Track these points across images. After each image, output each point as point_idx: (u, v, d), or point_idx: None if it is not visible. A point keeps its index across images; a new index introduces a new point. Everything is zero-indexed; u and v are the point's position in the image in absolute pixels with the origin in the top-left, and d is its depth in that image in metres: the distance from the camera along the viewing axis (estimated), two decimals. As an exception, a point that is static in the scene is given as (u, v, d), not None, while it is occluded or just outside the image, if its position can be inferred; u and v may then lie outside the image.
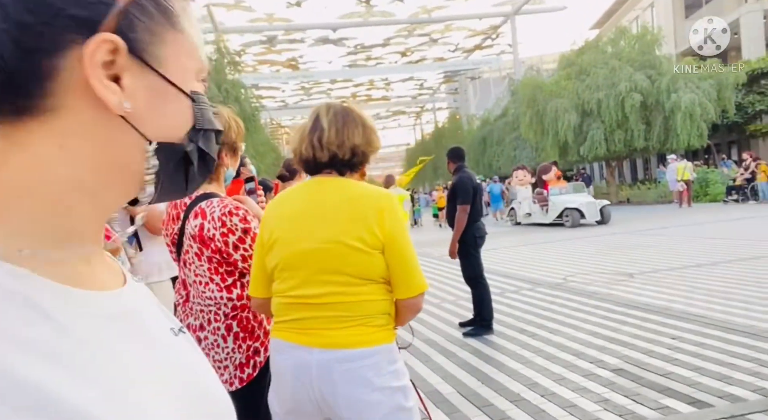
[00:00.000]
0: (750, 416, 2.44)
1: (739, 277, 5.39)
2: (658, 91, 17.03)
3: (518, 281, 6.41)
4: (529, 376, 3.27)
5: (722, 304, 4.40)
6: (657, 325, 4.01)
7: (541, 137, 19.56)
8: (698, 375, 3.00)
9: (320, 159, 1.35)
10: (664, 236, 9.45)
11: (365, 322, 1.27)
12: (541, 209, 14.19)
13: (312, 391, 1.26)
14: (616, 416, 2.60)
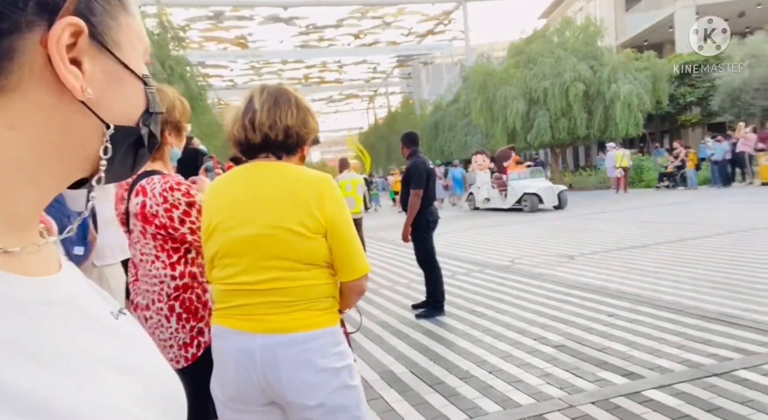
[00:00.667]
0: (676, 385, 2.68)
1: (669, 258, 5.81)
2: (600, 81, 17.83)
3: (468, 264, 6.61)
4: (477, 354, 3.41)
5: (653, 283, 4.75)
6: (595, 304, 4.28)
7: (491, 124, 20.03)
8: (631, 349, 3.24)
9: (252, 140, 1.33)
10: (603, 220, 10.00)
11: (309, 306, 1.28)
12: (500, 194, 14.21)
13: (256, 376, 1.26)
14: (558, 389, 2.77)
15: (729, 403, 2.43)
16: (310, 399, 1.25)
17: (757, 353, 2.97)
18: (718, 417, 2.32)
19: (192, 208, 1.53)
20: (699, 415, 2.36)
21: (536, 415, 2.51)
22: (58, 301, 0.37)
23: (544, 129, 18.51)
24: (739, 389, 2.56)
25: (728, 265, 5.17)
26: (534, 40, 20.13)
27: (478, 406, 2.66)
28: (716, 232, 7.23)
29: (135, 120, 0.42)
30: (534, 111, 18.85)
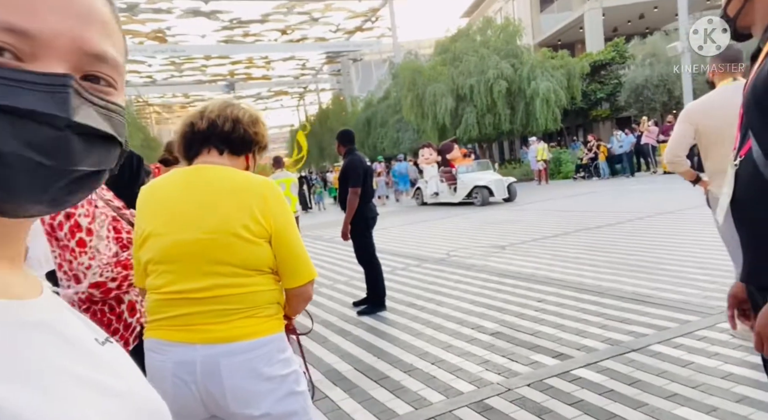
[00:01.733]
0: (601, 363, 2.91)
1: (588, 244, 6.27)
2: (520, 79, 18.77)
3: (407, 259, 6.74)
4: (419, 346, 3.51)
5: (576, 269, 5.11)
6: (525, 291, 4.53)
7: (421, 120, 20.45)
8: (560, 331, 3.47)
9: (198, 127, 1.31)
10: (529, 211, 10.58)
11: (254, 314, 1.24)
12: (449, 188, 13.84)
13: (197, 390, 1.21)
14: (496, 375, 2.92)
15: (646, 376, 2.68)
16: (255, 409, 1.22)
17: (668, 328, 3.30)
18: (638, 389, 2.56)
19: (68, 220, 1.41)
20: (621, 388, 2.58)
21: (477, 400, 2.63)
22: (34, 323, 0.38)
23: (471, 125, 19.20)
24: (655, 362, 2.83)
25: (640, 249, 5.67)
26: (458, 38, 20.79)
27: (422, 397, 2.74)
28: (627, 218, 7.89)
29: None
30: (462, 107, 19.49)
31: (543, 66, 19.01)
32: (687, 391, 2.48)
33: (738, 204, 1.24)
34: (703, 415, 2.25)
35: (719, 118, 2.94)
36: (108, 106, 0.41)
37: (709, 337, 3.08)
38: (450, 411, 2.55)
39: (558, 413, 2.41)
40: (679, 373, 2.66)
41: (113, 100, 0.42)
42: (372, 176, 4.65)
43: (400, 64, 22.16)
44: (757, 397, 2.34)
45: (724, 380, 2.53)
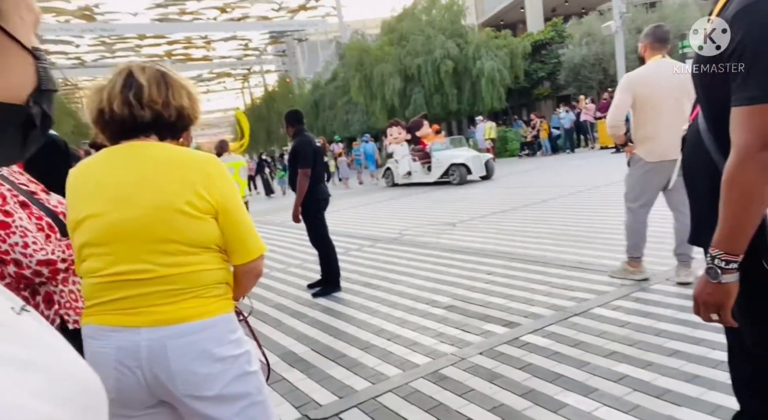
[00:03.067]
0: (547, 328, 3.06)
1: (533, 218, 6.52)
2: (466, 59, 19.01)
3: (360, 239, 6.76)
4: (375, 324, 3.55)
5: (522, 241, 5.31)
6: (476, 265, 4.67)
7: (370, 101, 20.34)
8: (509, 301, 3.61)
9: (141, 118, 1.21)
10: (477, 189, 10.85)
11: (201, 294, 1.20)
12: (422, 167, 12.99)
13: (142, 375, 1.16)
14: (450, 346, 3.01)
15: (588, 337, 2.85)
16: (207, 390, 1.18)
17: (607, 292, 3.51)
18: (581, 350, 2.72)
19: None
20: (566, 350, 2.73)
21: (433, 371, 2.70)
22: None
23: (420, 105, 19.29)
24: (596, 324, 3.01)
25: (580, 220, 5.96)
26: (404, 17, 20.70)
27: (380, 372, 2.78)
28: (569, 192, 8.25)
29: (23, 98, 0.38)
30: (410, 88, 19.53)
31: (487, 45, 19.32)
32: (625, 349, 2.66)
33: (683, 168, 1.31)
34: (640, 369, 2.43)
35: (653, 87, 3.30)
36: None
37: (643, 298, 3.30)
38: (407, 383, 2.61)
39: (508, 378, 2.53)
40: (617, 333, 2.85)
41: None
42: (322, 157, 4.59)
43: (347, 45, 21.86)
44: (687, 351, 2.54)
45: (657, 337, 2.74)
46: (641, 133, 3.42)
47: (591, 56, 19.51)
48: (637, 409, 2.11)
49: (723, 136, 1.10)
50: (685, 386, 2.23)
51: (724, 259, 1.09)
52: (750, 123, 1.03)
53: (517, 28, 26.80)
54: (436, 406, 2.36)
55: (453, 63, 18.70)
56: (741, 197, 1.05)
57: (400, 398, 2.48)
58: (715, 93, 1.13)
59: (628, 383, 2.32)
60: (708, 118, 1.19)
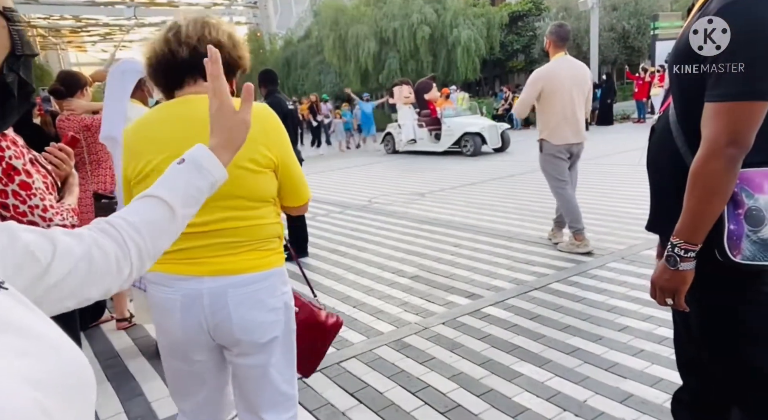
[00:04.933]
0: (507, 301, 3.18)
1: (500, 192, 6.64)
2: (443, 26, 18.70)
3: (329, 205, 6.74)
4: (341, 291, 3.59)
5: (489, 215, 5.42)
6: (443, 236, 4.76)
7: (344, 63, 19.85)
8: (473, 273, 3.72)
9: (179, 54, 1.21)
10: (447, 159, 10.89)
11: (258, 247, 1.27)
12: (429, 134, 11.74)
13: (204, 320, 1.26)
14: (414, 315, 3.09)
15: (545, 311, 2.99)
16: (260, 337, 1.28)
17: (566, 268, 3.66)
18: (538, 323, 2.85)
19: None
20: (524, 323, 2.86)
21: (396, 339, 2.78)
22: None
23: (394, 70, 18.99)
24: (553, 298, 3.15)
25: (544, 196, 6.10)
26: (383, -23, 20.02)
27: (344, 339, 2.84)
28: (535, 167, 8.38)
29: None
30: (385, 52, 19.14)
31: (465, 13, 19.02)
32: (578, 323, 2.80)
33: (648, 158, 1.35)
34: (591, 343, 2.57)
35: (556, 82, 3.90)
36: None
37: (599, 275, 3.46)
38: (370, 350, 2.68)
39: (468, 347, 2.63)
40: (572, 308, 2.99)
41: None
42: (294, 119, 4.49)
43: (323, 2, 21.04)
44: (635, 326, 2.70)
45: (609, 312, 2.89)
46: (548, 121, 3.98)
47: (566, 31, 19.54)
48: (586, 380, 2.25)
49: (692, 130, 1.14)
50: (632, 360, 2.39)
51: (684, 247, 1.14)
52: (721, 119, 1.07)
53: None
54: (398, 372, 2.44)
55: (430, 29, 18.37)
56: (705, 190, 1.10)
57: (364, 364, 2.55)
58: (688, 87, 1.16)
59: (580, 356, 2.46)
60: (679, 112, 1.22)
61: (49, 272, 0.55)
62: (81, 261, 0.59)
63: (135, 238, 0.66)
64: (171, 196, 0.72)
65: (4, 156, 1.28)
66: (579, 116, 3.99)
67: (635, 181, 6.17)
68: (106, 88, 2.70)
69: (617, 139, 11.14)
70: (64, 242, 0.58)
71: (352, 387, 2.35)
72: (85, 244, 0.61)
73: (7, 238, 0.52)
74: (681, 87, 1.19)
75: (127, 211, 0.70)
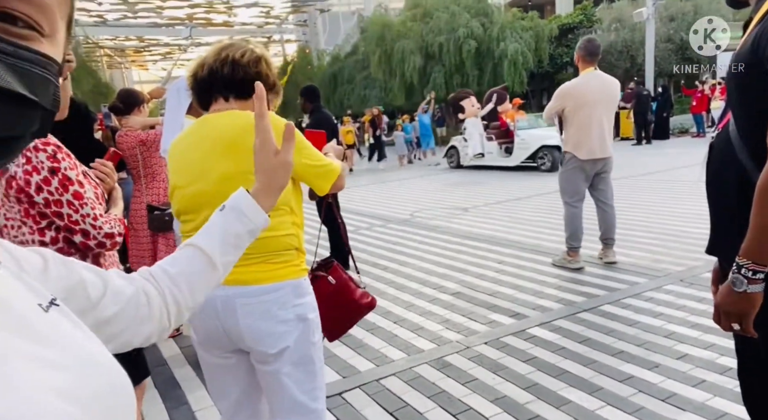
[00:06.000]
0: (555, 322, 3.04)
1: (546, 208, 6.44)
2: (490, 39, 18.55)
3: (371, 218, 6.75)
4: (382, 305, 3.56)
5: (534, 231, 5.25)
6: (486, 252, 4.64)
7: (389, 77, 20.04)
8: (518, 292, 3.59)
9: (199, 75, 1.34)
10: (491, 173, 10.71)
11: (268, 259, 1.29)
12: (499, 148, 10.86)
13: (220, 324, 1.32)
14: (455, 333, 3.01)
15: (596, 334, 2.83)
16: (269, 347, 1.31)
17: (619, 289, 3.47)
18: (588, 347, 2.70)
19: (54, 175, 1.34)
20: (572, 346, 2.72)
21: (437, 358, 2.71)
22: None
23: (439, 84, 18.97)
24: (604, 321, 2.99)
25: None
26: (430, -7, 20.17)
27: (384, 355, 2.80)
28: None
29: None
30: (430, 66, 19.18)
31: (513, 26, 18.81)
32: (632, 348, 2.63)
33: (708, 176, 1.26)
34: (646, 370, 2.41)
35: (583, 99, 3.89)
36: (20, 54, 0.33)
37: (655, 298, 3.26)
38: (410, 367, 2.63)
39: (512, 369, 2.52)
40: (626, 332, 2.82)
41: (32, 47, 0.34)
42: (338, 134, 4.55)
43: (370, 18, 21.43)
44: (696, 355, 2.51)
45: (666, 339, 2.71)
46: (573, 136, 3.95)
47: (619, 43, 18.94)
48: (641, 410, 2.10)
49: (757, 144, 1.06)
50: (692, 391, 2.21)
51: (752, 268, 1.06)
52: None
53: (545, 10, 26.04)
54: (438, 393, 2.37)
55: (476, 43, 18.26)
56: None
57: (404, 382, 2.49)
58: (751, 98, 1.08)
59: (634, 384, 2.30)
60: (740, 125, 1.14)
61: (97, 308, 0.56)
62: (128, 304, 0.61)
63: (173, 289, 0.68)
64: (210, 245, 0.73)
65: (60, 167, 1.35)
66: (606, 131, 3.93)
67: (694, 198, 5.82)
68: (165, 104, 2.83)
69: (674, 154, 10.61)
70: (115, 284, 0.61)
71: (391, 406, 2.30)
72: (134, 288, 0.63)
73: (66, 269, 0.54)
74: (743, 99, 1.11)
75: (168, 261, 0.72)
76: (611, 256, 4.03)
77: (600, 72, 4.02)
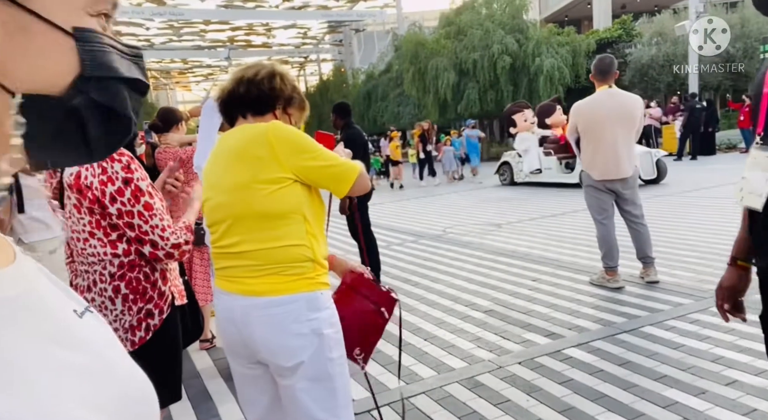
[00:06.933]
0: (592, 343, 2.92)
1: (584, 225, 6.23)
2: (525, 55, 18.40)
3: (403, 234, 6.73)
4: (413, 322, 3.51)
5: (571, 249, 5.10)
6: (520, 270, 4.53)
7: (423, 94, 20.13)
8: (553, 311, 3.48)
9: (223, 99, 1.41)
10: (525, 190, 10.53)
11: (280, 271, 1.30)
12: (559, 163, 10.12)
13: (239, 334, 1.35)
14: (488, 352, 2.93)
15: (637, 357, 2.70)
16: (284, 360, 1.30)
17: (661, 310, 3.31)
18: (628, 370, 2.57)
19: (128, 186, 1.40)
20: (612, 369, 2.60)
21: (468, 377, 2.64)
22: (9, 298, 0.32)
23: (473, 101, 18.91)
24: (646, 344, 2.85)
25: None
26: (463, 11, 20.27)
27: (414, 372, 2.75)
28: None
29: (62, 87, 0.33)
30: (464, 82, 19.17)
31: (548, 42, 18.63)
32: (677, 373, 2.49)
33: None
34: (692, 397, 2.27)
35: (593, 117, 3.83)
36: (132, 52, 0.39)
37: (701, 320, 3.09)
38: (441, 386, 2.57)
39: (547, 391, 2.43)
40: (669, 355, 2.67)
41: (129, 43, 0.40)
42: (368, 151, 4.60)
43: (404, 37, 21.69)
44: (746, 381, 2.35)
45: (714, 363, 2.55)
46: (585, 155, 3.93)
47: (660, 57, 18.42)
48: (686, 440, 1.98)
49: None
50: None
51: None
52: None
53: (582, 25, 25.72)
54: (469, 413, 2.30)
55: (511, 59, 18.15)
56: None
57: (434, 401, 2.44)
58: None
59: (678, 411, 2.17)
60: None
61: None
62: None
63: None
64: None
65: (134, 178, 1.40)
66: (620, 151, 3.75)
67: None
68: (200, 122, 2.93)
69: (721, 170, 10.15)
70: None
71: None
72: None
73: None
74: None
75: None
76: (653, 274, 3.86)
77: (616, 89, 3.91)
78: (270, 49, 37.64)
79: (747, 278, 1.42)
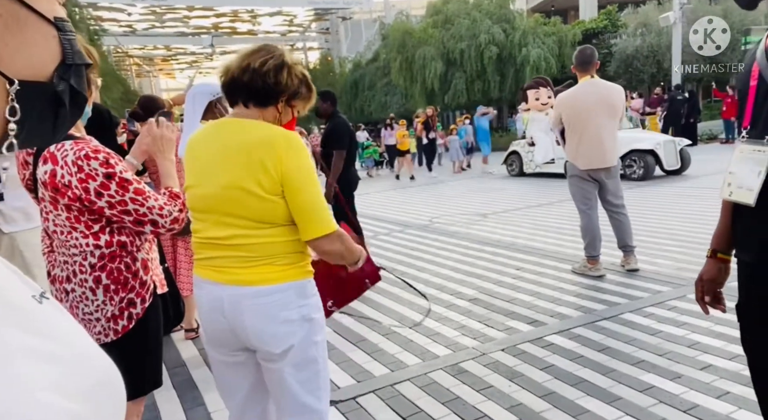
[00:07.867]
0: (573, 330, 2.99)
1: (569, 215, 6.32)
2: (512, 45, 18.44)
3: (389, 224, 6.76)
4: (399, 311, 3.55)
5: (556, 238, 5.18)
6: (505, 259, 4.59)
7: (410, 84, 20.08)
8: (536, 299, 3.54)
9: (224, 81, 1.37)
10: (512, 180, 10.61)
11: (270, 262, 1.31)
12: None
13: (226, 323, 1.35)
14: (472, 339, 2.98)
15: (616, 343, 2.77)
16: (274, 347, 1.32)
17: (641, 298, 3.39)
18: (608, 356, 2.64)
19: (111, 180, 1.41)
20: (591, 355, 2.66)
21: (453, 364, 2.69)
22: None
23: (460, 91, 18.94)
24: (625, 330, 2.92)
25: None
26: (451, 0, 20.19)
27: (399, 360, 2.79)
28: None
29: (47, 74, 0.36)
30: (451, 72, 19.15)
31: (535, 32, 18.67)
32: (654, 358, 2.57)
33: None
34: (668, 381, 2.34)
35: (576, 108, 3.87)
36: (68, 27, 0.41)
37: (679, 307, 3.17)
38: (425, 373, 2.61)
39: (529, 377, 2.49)
40: (647, 341, 2.75)
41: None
42: (355, 140, 4.59)
43: (391, 26, 21.54)
44: (720, 365, 2.43)
45: (690, 349, 2.63)
46: (570, 146, 3.98)
47: (645, 48, 18.56)
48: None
49: None
50: (715, 403, 2.14)
51: None
52: None
53: (568, 15, 25.77)
54: (453, 399, 2.35)
55: (498, 49, 18.17)
56: None
57: (418, 388, 2.48)
58: None
59: (655, 394, 2.24)
60: None
61: None
62: None
63: None
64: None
65: (116, 171, 1.42)
66: (605, 141, 3.84)
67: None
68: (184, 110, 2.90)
69: (701, 161, 10.32)
70: None
71: (405, 411, 2.29)
72: None
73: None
74: None
75: None
76: (633, 262, 3.95)
77: (598, 79, 3.95)
78: (255, 37, 37.07)
79: (726, 270, 1.46)
